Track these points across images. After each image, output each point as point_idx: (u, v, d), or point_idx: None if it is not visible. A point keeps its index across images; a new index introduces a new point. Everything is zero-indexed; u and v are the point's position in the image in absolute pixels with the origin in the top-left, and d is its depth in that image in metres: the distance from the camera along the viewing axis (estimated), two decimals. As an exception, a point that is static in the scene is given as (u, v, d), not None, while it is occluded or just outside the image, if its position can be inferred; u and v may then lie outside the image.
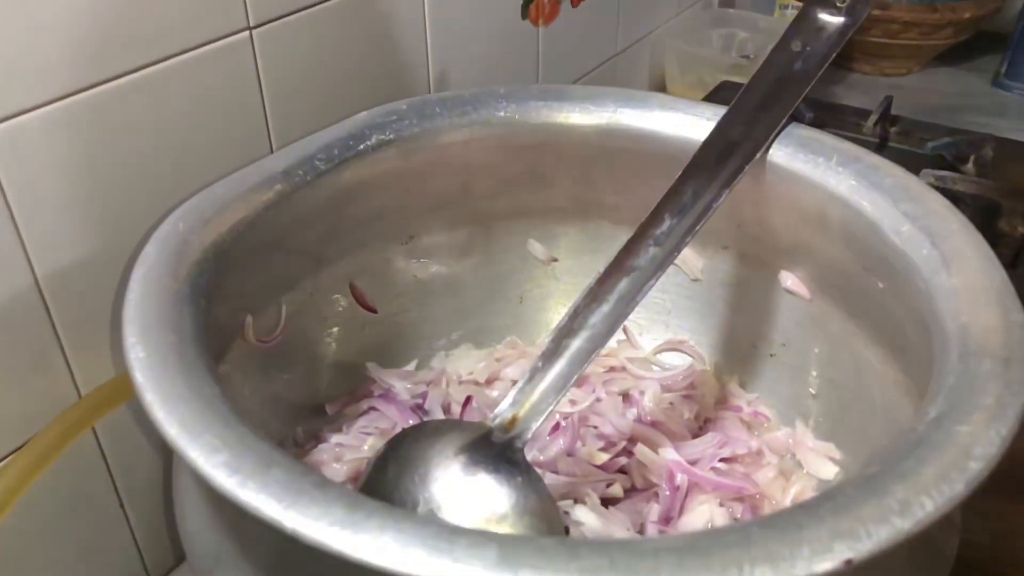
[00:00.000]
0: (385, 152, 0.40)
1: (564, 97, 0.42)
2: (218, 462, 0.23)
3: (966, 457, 0.23)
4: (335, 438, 0.40)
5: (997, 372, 0.26)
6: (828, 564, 0.21)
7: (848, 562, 0.21)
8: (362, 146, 0.39)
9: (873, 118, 0.77)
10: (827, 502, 0.22)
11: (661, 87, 0.91)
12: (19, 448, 0.37)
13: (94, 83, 0.36)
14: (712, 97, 0.86)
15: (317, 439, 0.41)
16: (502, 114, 0.42)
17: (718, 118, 0.39)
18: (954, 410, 0.25)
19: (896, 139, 0.77)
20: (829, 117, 0.79)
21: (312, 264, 0.41)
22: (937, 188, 0.73)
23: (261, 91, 0.43)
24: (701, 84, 0.85)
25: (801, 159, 0.38)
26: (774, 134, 0.38)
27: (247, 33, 0.42)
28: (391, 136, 0.40)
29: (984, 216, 0.66)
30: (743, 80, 0.41)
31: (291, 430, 0.41)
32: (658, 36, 0.88)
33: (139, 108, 0.38)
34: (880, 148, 0.76)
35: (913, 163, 0.73)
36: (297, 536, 0.21)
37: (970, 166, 0.72)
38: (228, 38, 0.41)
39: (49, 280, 0.37)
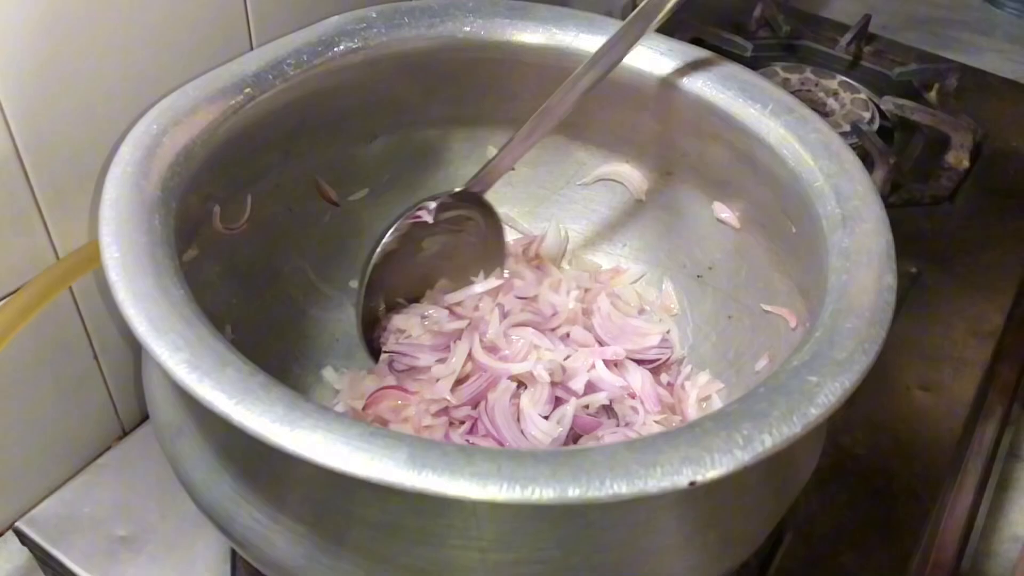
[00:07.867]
0: (352, 59, 0.42)
1: (528, 16, 0.44)
2: (180, 359, 0.27)
3: (808, 403, 0.28)
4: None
5: (857, 329, 0.30)
6: (675, 483, 0.26)
7: (692, 483, 0.26)
8: (330, 52, 0.41)
9: (848, 36, 0.78)
10: (686, 432, 0.27)
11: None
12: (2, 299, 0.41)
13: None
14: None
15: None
16: (468, 29, 0.43)
17: (671, 50, 0.42)
18: (812, 360, 0.29)
19: (868, 58, 0.78)
20: (806, 29, 0.80)
21: (278, 159, 0.44)
22: (895, 115, 0.76)
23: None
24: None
25: (740, 104, 0.40)
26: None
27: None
28: (359, 44, 0.42)
29: (933, 148, 0.69)
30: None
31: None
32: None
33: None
34: (852, 66, 0.78)
35: (880, 85, 0.75)
36: (242, 429, 0.26)
37: (932, 94, 0.74)
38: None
39: (28, 147, 0.39)
